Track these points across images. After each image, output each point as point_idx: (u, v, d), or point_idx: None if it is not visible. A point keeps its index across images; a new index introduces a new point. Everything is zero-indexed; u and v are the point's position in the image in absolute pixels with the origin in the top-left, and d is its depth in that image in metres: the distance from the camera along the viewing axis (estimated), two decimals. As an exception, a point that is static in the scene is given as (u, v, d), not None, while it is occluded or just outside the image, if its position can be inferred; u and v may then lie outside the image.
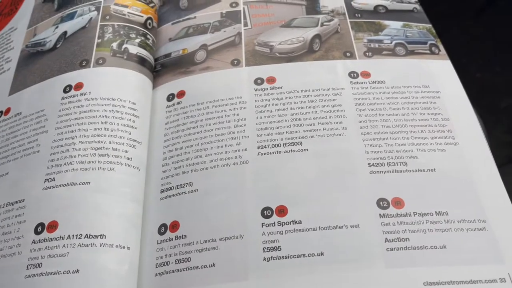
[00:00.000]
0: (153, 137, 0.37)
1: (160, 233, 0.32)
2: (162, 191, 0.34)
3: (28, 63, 0.41)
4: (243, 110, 0.36)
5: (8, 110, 0.39)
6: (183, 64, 0.40)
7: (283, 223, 0.30)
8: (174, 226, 0.32)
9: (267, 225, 0.30)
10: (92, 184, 0.32)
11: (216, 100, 0.37)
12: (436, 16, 0.45)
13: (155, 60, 0.41)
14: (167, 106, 0.38)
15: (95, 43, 0.39)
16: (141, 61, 0.39)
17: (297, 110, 0.35)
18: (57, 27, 0.42)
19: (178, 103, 0.38)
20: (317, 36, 0.40)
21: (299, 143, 0.33)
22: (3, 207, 0.33)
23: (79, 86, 0.37)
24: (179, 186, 0.33)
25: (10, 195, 0.33)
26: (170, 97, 0.38)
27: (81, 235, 0.30)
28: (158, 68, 0.41)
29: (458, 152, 0.33)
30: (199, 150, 0.34)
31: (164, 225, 0.32)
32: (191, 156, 0.34)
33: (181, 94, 0.38)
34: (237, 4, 0.43)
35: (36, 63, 0.41)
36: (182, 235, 0.31)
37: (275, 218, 0.30)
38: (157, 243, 0.32)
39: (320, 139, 0.33)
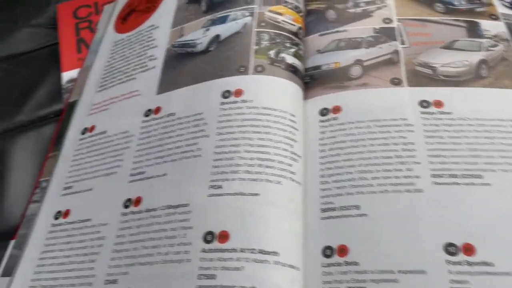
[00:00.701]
0: (307, 151, 0.35)
1: (326, 255, 0.30)
2: (323, 210, 0.32)
3: (176, 64, 0.41)
4: (411, 133, 0.34)
5: (158, 109, 0.39)
6: (336, 78, 0.39)
7: (472, 263, 0.28)
8: (342, 250, 0.30)
9: (453, 263, 0.28)
10: (261, 196, 0.31)
11: (378, 119, 0.35)
12: None
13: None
14: (321, 121, 0.37)
15: (252, 50, 0.38)
16: (296, 71, 0.38)
17: (472, 140, 0.33)
18: (207, 30, 0.41)
19: (334, 118, 0.36)
20: (483, 61, 0.38)
21: (479, 176, 0.31)
22: (164, 209, 0.32)
23: (239, 92, 0.36)
24: (343, 208, 0.32)
25: (172, 197, 0.33)
26: (324, 112, 0.37)
27: (255, 249, 0.29)
28: (307, 80, 0.40)
29: None
30: (363, 172, 0.33)
31: (329, 247, 0.31)
32: (355, 177, 0.33)
33: (337, 109, 0.37)
34: (390, 20, 0.42)
35: (185, 64, 0.40)
36: (353, 262, 0.29)
37: (462, 256, 0.28)
38: (323, 266, 0.30)
39: (503, 174, 0.31)
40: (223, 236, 0.29)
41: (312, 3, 0.46)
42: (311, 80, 0.40)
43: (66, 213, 0.38)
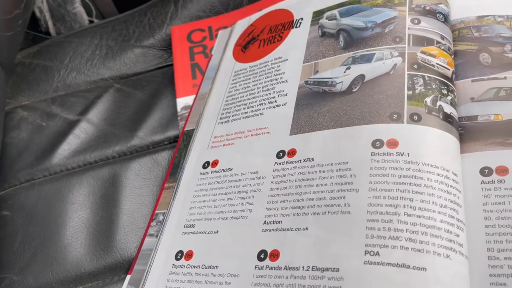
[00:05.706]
0: (468, 218, 0.31)
1: None
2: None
3: (311, 102, 0.38)
4: None
5: (292, 152, 0.36)
6: (497, 133, 0.34)
7: None
8: None
9: None
10: (428, 271, 0.27)
11: (559, 189, 0.30)
12: None
13: (457, 121, 0.36)
14: (483, 182, 0.32)
15: (405, 95, 0.34)
16: (453, 122, 0.34)
17: None
18: (348, 68, 0.38)
19: (500, 181, 0.32)
20: None
21: None
22: (308, 270, 0.29)
23: (392, 143, 0.32)
24: (524, 294, 0.27)
25: (317, 258, 0.29)
26: (486, 172, 0.32)
27: None
28: (460, 131, 0.35)
29: None
30: (546, 252, 0.28)
31: None
32: (535, 257, 0.28)
33: (503, 170, 0.32)
34: (561, 69, 0.36)
35: (324, 104, 0.37)
36: None
37: None
38: None
39: None
40: (386, 317, 0.26)
41: (459, 44, 0.41)
42: (464, 132, 0.35)
43: (188, 255, 0.35)
